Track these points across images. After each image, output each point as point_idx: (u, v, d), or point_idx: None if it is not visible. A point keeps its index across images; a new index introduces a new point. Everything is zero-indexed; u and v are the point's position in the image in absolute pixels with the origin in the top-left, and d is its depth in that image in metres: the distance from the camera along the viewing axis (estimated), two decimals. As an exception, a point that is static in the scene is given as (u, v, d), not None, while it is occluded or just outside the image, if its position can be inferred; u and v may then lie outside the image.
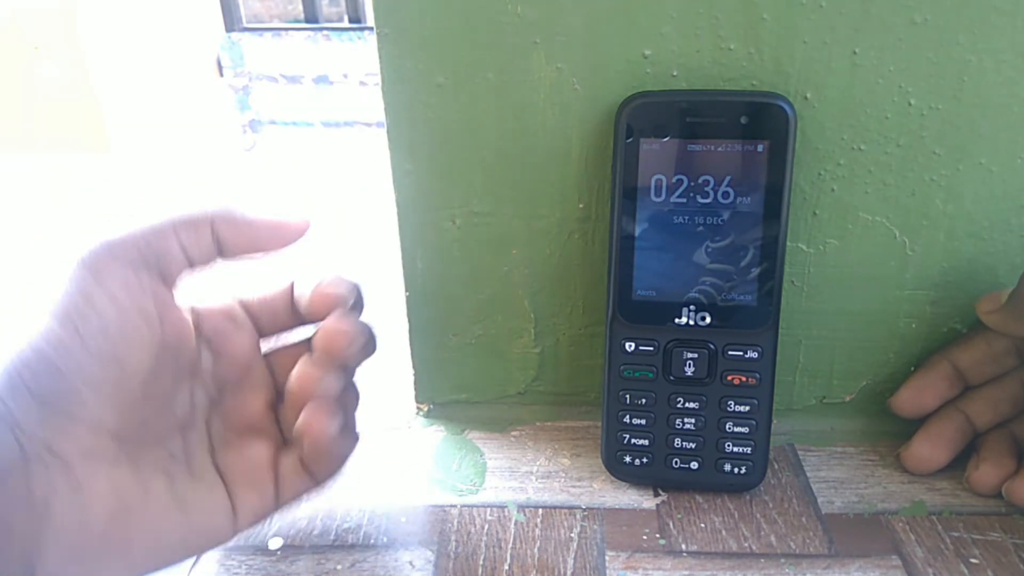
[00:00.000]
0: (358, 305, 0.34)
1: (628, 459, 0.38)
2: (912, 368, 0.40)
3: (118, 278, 0.29)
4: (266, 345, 0.35)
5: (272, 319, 0.35)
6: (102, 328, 0.28)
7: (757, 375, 0.36)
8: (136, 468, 0.30)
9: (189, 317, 0.32)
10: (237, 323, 0.34)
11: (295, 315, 0.35)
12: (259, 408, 0.34)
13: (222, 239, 0.32)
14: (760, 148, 0.33)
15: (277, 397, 0.35)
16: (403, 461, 0.41)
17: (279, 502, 0.33)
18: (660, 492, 0.38)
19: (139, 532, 0.29)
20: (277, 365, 0.35)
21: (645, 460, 0.37)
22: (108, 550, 0.28)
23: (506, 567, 0.34)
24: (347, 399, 0.34)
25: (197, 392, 0.32)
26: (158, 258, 0.30)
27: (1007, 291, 0.35)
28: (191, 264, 0.31)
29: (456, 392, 0.44)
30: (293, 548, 0.35)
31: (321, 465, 0.33)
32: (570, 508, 0.37)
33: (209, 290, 0.34)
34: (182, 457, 0.32)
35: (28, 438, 0.26)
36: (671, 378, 0.36)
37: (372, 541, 0.35)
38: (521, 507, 0.37)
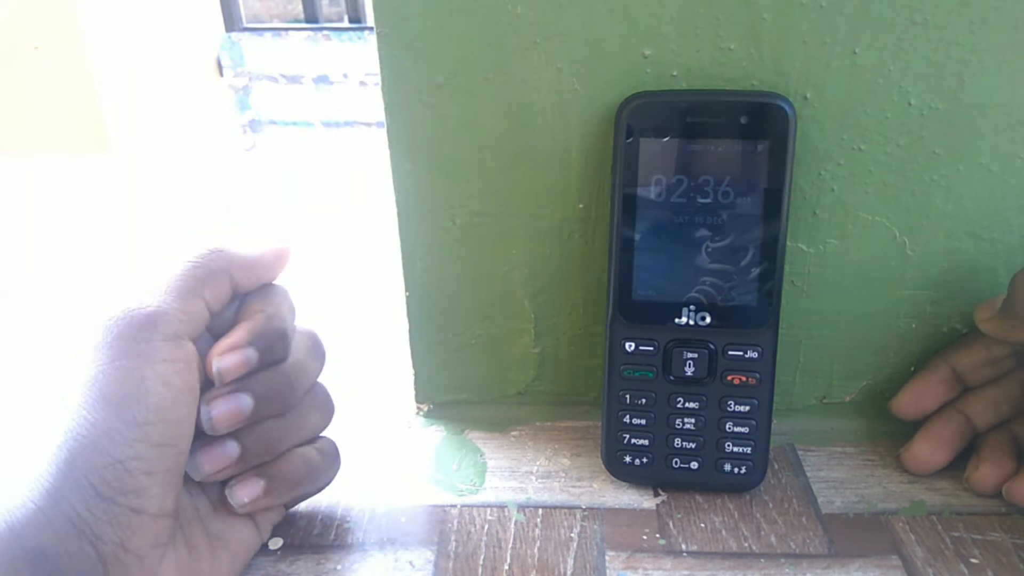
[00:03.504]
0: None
1: (628, 459, 0.38)
2: (912, 368, 0.40)
3: (166, 356, 0.29)
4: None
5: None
6: (159, 414, 0.28)
7: (757, 375, 0.36)
8: (184, 535, 0.31)
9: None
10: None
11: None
12: None
13: (237, 285, 0.32)
14: (760, 148, 0.33)
15: None
16: (403, 461, 0.41)
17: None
18: (660, 492, 0.38)
19: None
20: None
21: (645, 460, 0.37)
22: None
23: (506, 567, 0.34)
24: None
25: None
26: (192, 323, 0.30)
27: (1002, 297, 0.35)
28: (212, 316, 0.31)
29: (456, 392, 0.44)
30: (293, 548, 0.35)
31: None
32: (570, 508, 0.37)
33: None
34: (200, 491, 0.33)
35: (103, 541, 0.27)
36: (671, 378, 0.36)
37: (372, 541, 0.35)
38: (521, 507, 0.37)
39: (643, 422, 0.37)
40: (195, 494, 0.32)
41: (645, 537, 0.35)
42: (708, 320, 0.35)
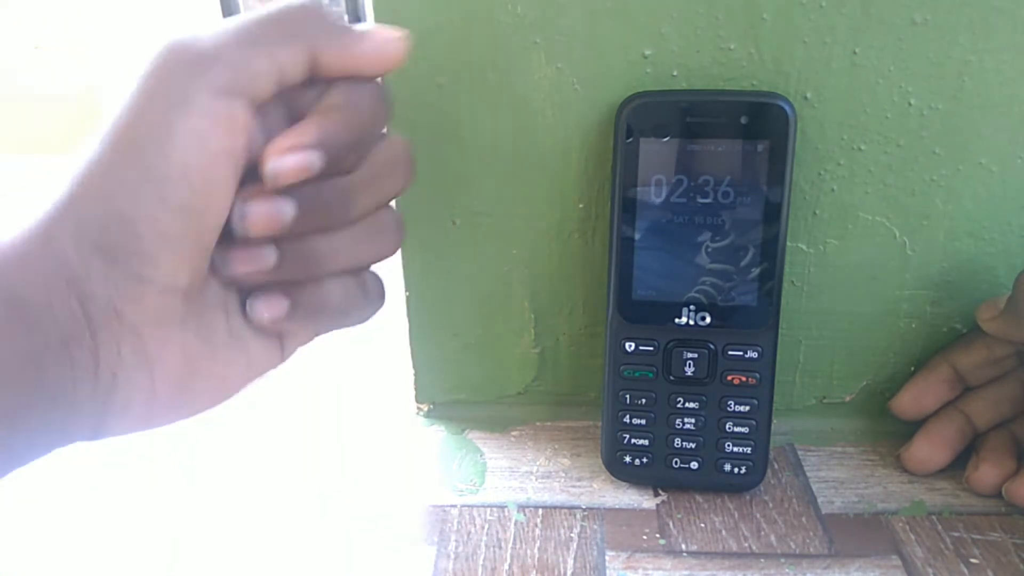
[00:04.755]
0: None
1: (628, 459, 0.38)
2: (912, 368, 0.40)
3: (208, 110, 0.23)
4: None
5: None
6: (183, 173, 0.23)
7: (757, 375, 0.36)
8: (200, 321, 0.26)
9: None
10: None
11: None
12: None
13: (320, 59, 0.25)
14: (760, 148, 0.33)
15: None
16: (403, 461, 0.41)
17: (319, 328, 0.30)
18: (660, 492, 0.38)
19: (204, 387, 0.27)
20: None
21: (645, 460, 0.37)
22: (173, 410, 0.26)
23: (506, 567, 0.34)
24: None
25: None
26: (252, 82, 0.24)
27: (1005, 297, 0.35)
28: (282, 84, 0.25)
29: (456, 392, 0.44)
30: (293, 548, 0.35)
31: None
32: (570, 508, 0.37)
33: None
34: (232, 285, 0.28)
35: (94, 303, 0.23)
36: (671, 378, 0.36)
37: (372, 541, 0.35)
38: (521, 507, 0.37)
39: (643, 422, 0.37)
40: (228, 285, 0.27)
41: (645, 537, 0.35)
42: (708, 320, 0.35)
